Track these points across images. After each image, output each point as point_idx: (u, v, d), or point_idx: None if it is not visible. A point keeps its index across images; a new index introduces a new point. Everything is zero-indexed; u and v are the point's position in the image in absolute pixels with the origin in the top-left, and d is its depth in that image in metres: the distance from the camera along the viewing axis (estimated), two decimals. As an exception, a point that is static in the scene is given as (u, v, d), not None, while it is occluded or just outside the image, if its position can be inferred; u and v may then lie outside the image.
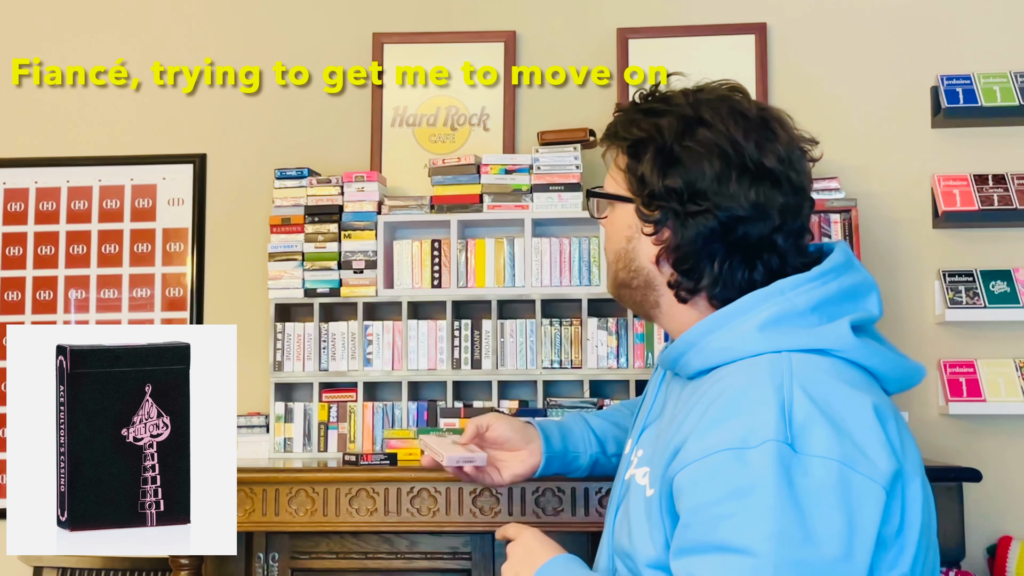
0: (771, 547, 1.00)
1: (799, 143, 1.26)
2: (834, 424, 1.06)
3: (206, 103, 2.99)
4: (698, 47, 2.86)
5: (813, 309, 1.15)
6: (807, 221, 1.23)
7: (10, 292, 2.97)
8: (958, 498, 2.09)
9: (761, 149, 1.20)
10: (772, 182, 1.19)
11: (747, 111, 1.24)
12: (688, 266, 1.20)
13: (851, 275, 1.20)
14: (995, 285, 2.67)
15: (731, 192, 1.17)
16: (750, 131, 1.21)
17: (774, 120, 1.25)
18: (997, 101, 2.69)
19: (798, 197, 1.21)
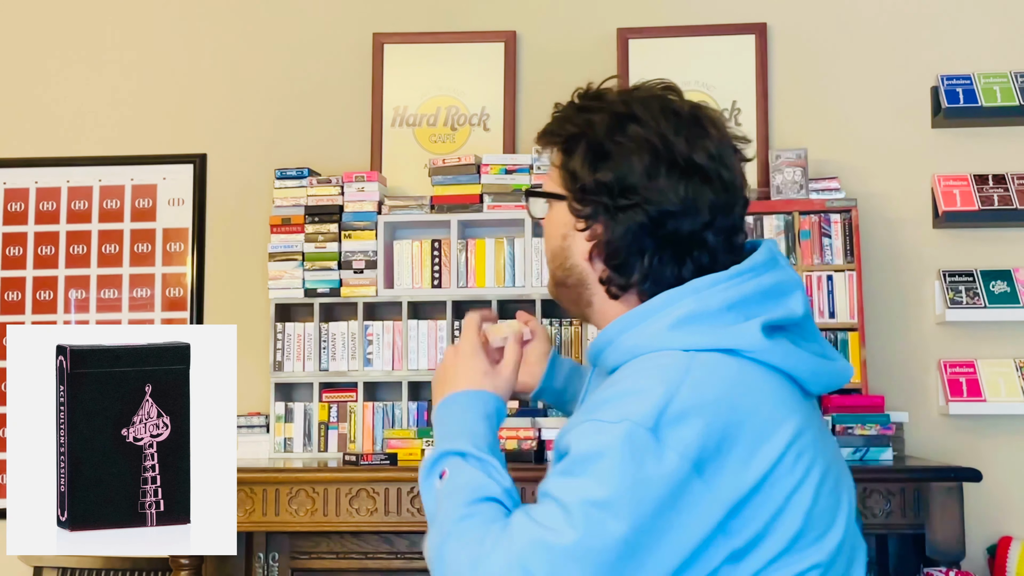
0: (584, 512, 1.02)
1: (732, 142, 1.24)
2: (709, 428, 1.07)
3: (206, 103, 2.99)
4: (698, 47, 2.86)
5: (727, 308, 1.16)
6: (740, 219, 1.23)
7: (10, 292, 2.97)
8: (958, 498, 2.09)
9: (692, 145, 1.19)
10: (702, 178, 1.19)
11: (679, 109, 1.23)
12: (618, 261, 1.21)
13: (772, 274, 1.20)
14: (995, 285, 2.67)
15: (660, 187, 1.18)
16: (681, 127, 1.20)
17: (706, 119, 1.24)
18: (997, 101, 2.69)
19: (729, 194, 1.21)
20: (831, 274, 2.59)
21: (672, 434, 1.05)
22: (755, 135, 2.80)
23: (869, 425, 2.31)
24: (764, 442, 1.09)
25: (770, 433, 1.10)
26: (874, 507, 2.11)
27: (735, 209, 1.22)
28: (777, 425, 1.11)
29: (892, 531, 2.13)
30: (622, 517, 1.03)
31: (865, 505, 2.11)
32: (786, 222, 2.62)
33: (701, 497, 1.05)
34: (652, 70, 2.87)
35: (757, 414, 1.10)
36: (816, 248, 2.60)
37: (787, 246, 2.61)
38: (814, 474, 1.12)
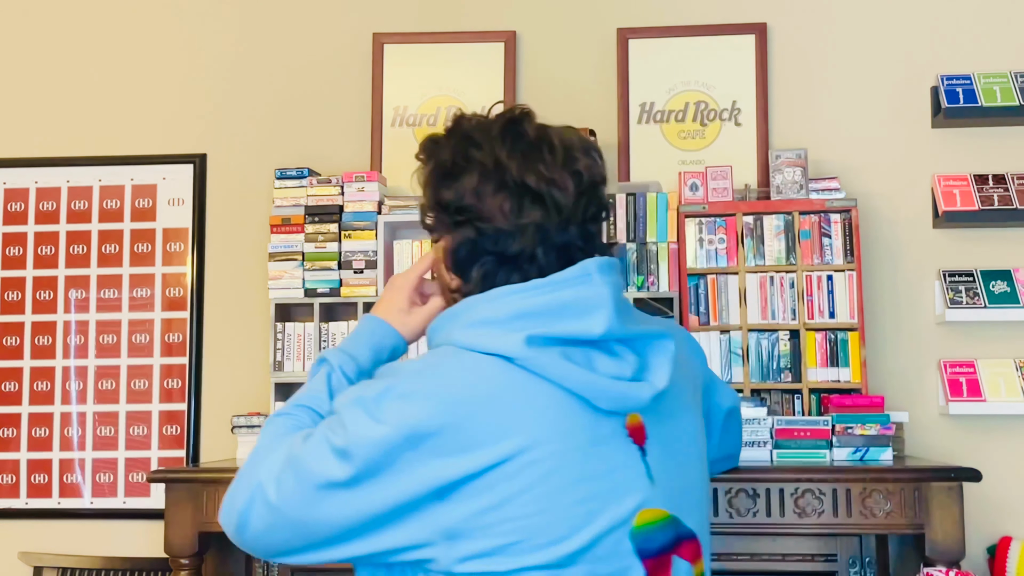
0: (327, 450, 1.21)
1: (577, 167, 1.33)
2: (431, 412, 1.19)
3: (206, 103, 2.99)
4: (698, 47, 2.86)
5: (515, 317, 1.24)
6: (579, 238, 1.31)
7: (10, 292, 2.97)
8: (958, 498, 2.09)
9: (524, 168, 1.30)
10: (532, 199, 1.28)
11: (522, 133, 1.34)
12: (457, 271, 1.33)
13: (576, 290, 1.26)
14: (995, 285, 2.67)
15: (489, 206, 1.29)
16: (516, 151, 1.31)
17: (549, 144, 1.34)
18: (997, 101, 2.69)
19: (561, 216, 1.29)
20: (831, 274, 2.59)
21: (389, 407, 1.20)
22: (755, 135, 2.80)
23: (869, 425, 2.31)
24: (482, 445, 1.18)
25: (493, 438, 1.18)
26: (874, 507, 2.11)
27: (569, 228, 1.30)
28: (504, 433, 1.19)
29: (892, 531, 2.13)
30: (345, 463, 1.20)
31: (865, 505, 2.11)
32: (786, 222, 2.62)
33: (410, 467, 1.18)
34: (652, 70, 2.88)
35: (487, 417, 1.19)
36: (816, 248, 2.60)
37: (787, 246, 2.61)
38: (545, 487, 1.18)
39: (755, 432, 2.32)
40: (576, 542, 1.20)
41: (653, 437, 1.28)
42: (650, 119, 2.86)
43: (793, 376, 2.56)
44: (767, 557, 2.21)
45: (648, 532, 1.25)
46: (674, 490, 1.29)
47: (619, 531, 1.23)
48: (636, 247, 2.64)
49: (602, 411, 1.24)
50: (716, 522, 2.12)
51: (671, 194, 2.66)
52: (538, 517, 1.19)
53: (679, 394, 1.34)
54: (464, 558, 1.19)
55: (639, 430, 1.27)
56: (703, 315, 2.61)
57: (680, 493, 1.30)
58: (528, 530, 1.19)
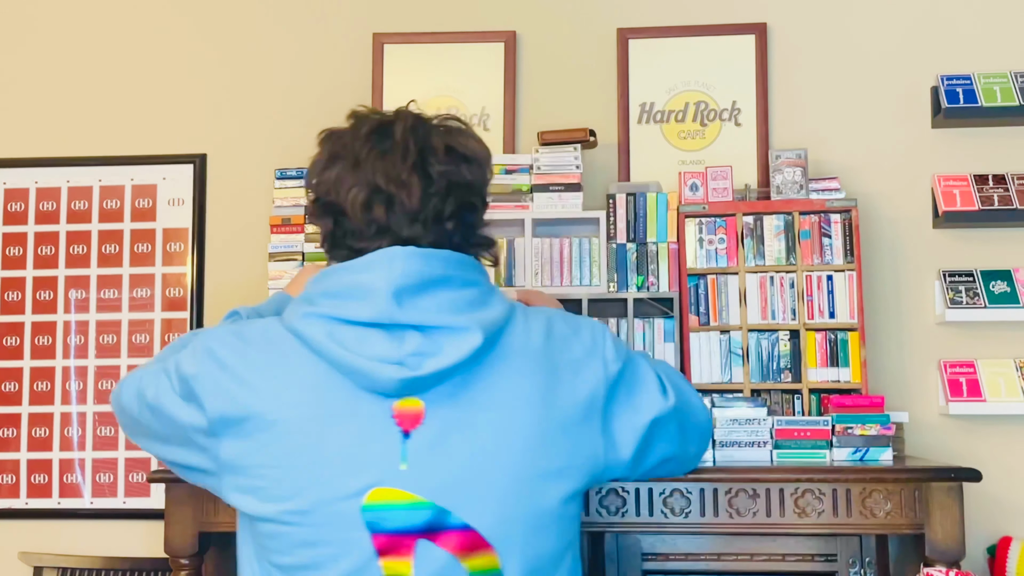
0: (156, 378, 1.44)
1: (425, 171, 1.40)
2: (201, 366, 1.38)
3: (206, 103, 2.99)
4: (698, 47, 2.86)
5: (312, 297, 1.37)
6: (426, 235, 1.39)
7: (10, 292, 2.97)
8: (958, 498, 2.09)
9: (376, 169, 1.39)
10: (380, 197, 1.38)
11: (390, 134, 1.43)
12: (329, 255, 1.47)
13: (356, 276, 1.35)
14: (995, 285, 2.67)
15: (344, 199, 1.40)
16: (374, 152, 1.42)
17: (406, 146, 1.41)
18: (997, 101, 2.69)
19: (407, 215, 1.39)
20: (831, 274, 2.59)
21: (173, 359, 1.41)
22: (755, 135, 2.81)
23: (869, 425, 2.31)
24: (241, 397, 1.34)
25: (255, 394, 1.34)
26: (874, 507, 2.11)
27: (414, 226, 1.39)
28: (266, 392, 1.34)
29: (892, 531, 2.13)
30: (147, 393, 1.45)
31: (865, 505, 2.11)
32: (786, 222, 2.62)
33: (177, 406, 1.40)
34: (652, 70, 2.88)
35: (253, 375, 1.35)
36: (816, 248, 2.60)
37: (787, 246, 2.61)
38: (282, 446, 1.33)
39: (755, 432, 2.32)
40: (298, 503, 1.32)
41: (435, 425, 1.32)
42: (650, 119, 2.86)
43: (793, 376, 2.56)
44: (767, 557, 2.21)
45: (382, 511, 1.31)
46: (443, 480, 1.31)
47: (345, 503, 1.31)
48: (636, 247, 2.64)
49: (366, 390, 1.32)
50: (716, 522, 2.13)
51: (671, 194, 2.66)
52: (274, 471, 1.33)
53: (504, 390, 1.35)
54: (233, 489, 1.36)
55: (411, 416, 1.32)
56: (703, 315, 2.61)
57: (454, 485, 1.32)
58: (267, 479, 1.33)
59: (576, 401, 1.39)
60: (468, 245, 1.45)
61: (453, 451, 1.32)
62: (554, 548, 1.38)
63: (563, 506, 1.38)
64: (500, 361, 1.37)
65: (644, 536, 2.22)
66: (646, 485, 2.15)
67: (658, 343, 2.60)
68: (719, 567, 2.22)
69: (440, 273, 1.36)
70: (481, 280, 1.41)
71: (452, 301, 1.35)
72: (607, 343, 1.46)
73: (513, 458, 1.34)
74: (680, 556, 2.23)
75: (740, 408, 2.35)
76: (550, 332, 1.42)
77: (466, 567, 1.32)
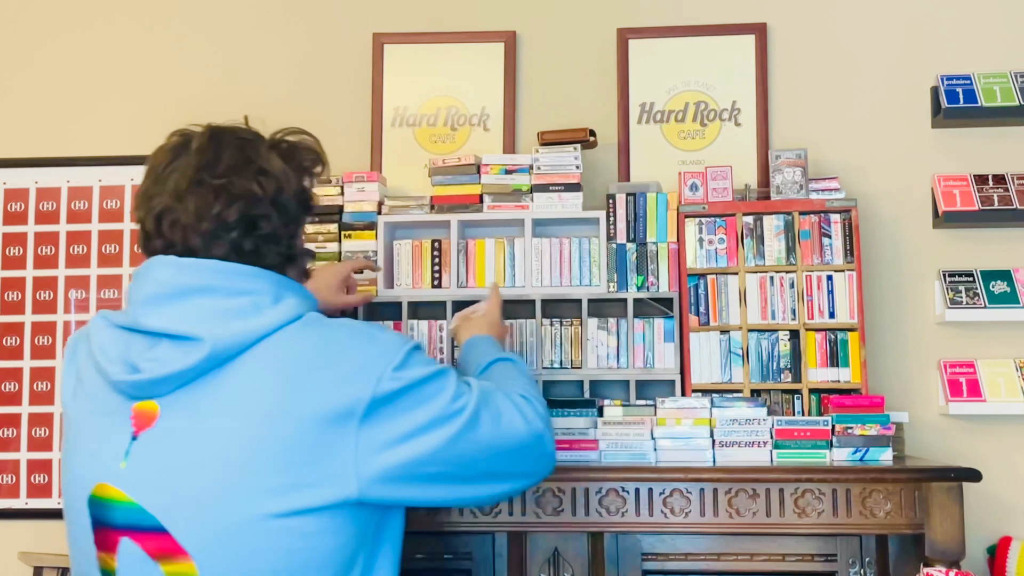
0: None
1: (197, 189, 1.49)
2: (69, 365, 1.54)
3: (206, 103, 2.99)
4: (698, 47, 2.86)
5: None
6: (204, 247, 1.47)
7: (10, 292, 2.97)
8: (958, 498, 2.09)
9: (168, 184, 1.50)
10: (169, 211, 1.48)
11: (190, 151, 1.58)
12: None
13: (137, 283, 1.46)
14: (995, 285, 2.67)
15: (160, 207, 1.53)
16: (178, 167, 1.53)
17: (189, 165, 1.53)
18: (997, 101, 2.70)
19: (185, 226, 1.47)
20: (831, 274, 2.59)
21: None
22: (755, 135, 2.81)
23: (869, 425, 2.31)
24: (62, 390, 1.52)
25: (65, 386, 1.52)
26: (874, 507, 2.11)
27: (193, 238, 1.46)
28: (66, 385, 1.52)
29: (892, 531, 2.13)
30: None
31: (865, 505, 2.11)
32: (786, 222, 2.62)
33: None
34: (652, 70, 2.88)
35: (66, 369, 1.53)
36: (816, 248, 2.60)
37: (787, 246, 2.61)
38: (65, 432, 1.50)
39: (755, 432, 2.32)
40: (63, 489, 1.47)
41: (161, 429, 1.37)
42: (650, 119, 2.86)
43: (793, 376, 2.56)
44: (767, 557, 2.21)
45: (100, 505, 1.39)
46: (152, 484, 1.36)
47: (79, 493, 1.42)
48: (636, 247, 2.64)
49: (116, 390, 1.41)
50: (716, 522, 2.13)
51: (671, 194, 2.66)
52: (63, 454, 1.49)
53: (235, 401, 1.36)
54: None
55: (146, 418, 1.38)
56: (703, 315, 2.61)
57: (160, 490, 1.35)
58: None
59: (324, 417, 1.36)
60: (265, 256, 1.49)
61: (166, 456, 1.35)
62: (271, 566, 1.35)
63: (283, 521, 1.35)
64: (242, 372, 1.37)
65: (644, 536, 2.22)
66: (646, 485, 2.15)
67: (658, 343, 2.60)
68: (719, 567, 2.22)
69: (197, 282, 1.41)
70: (259, 289, 1.44)
71: (212, 310, 1.39)
72: (395, 361, 1.42)
73: (224, 469, 1.34)
74: (680, 556, 2.23)
75: (740, 408, 2.35)
76: (323, 345, 1.41)
77: (164, 571, 1.35)
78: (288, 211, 1.53)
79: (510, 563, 2.22)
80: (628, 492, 2.15)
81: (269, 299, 1.43)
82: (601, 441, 2.34)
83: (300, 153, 1.61)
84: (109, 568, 1.39)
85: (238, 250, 1.47)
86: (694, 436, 2.33)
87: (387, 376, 1.40)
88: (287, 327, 1.41)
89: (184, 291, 1.41)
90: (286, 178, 1.54)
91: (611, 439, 2.33)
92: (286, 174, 1.54)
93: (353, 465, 1.37)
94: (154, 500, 1.35)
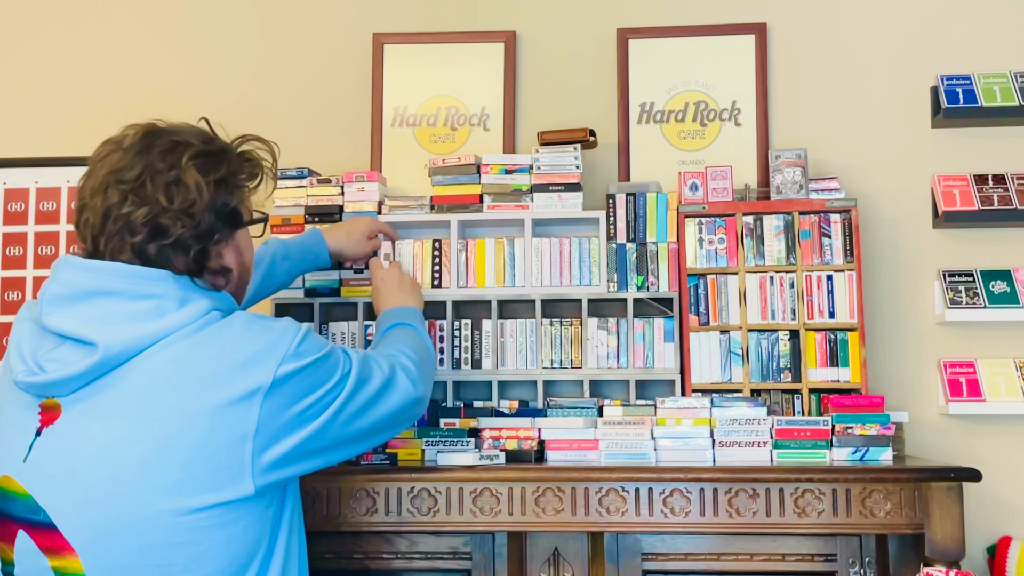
0: None
1: (92, 199, 1.54)
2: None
3: (206, 103, 2.99)
4: (698, 47, 2.86)
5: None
6: (103, 251, 1.51)
7: (10, 292, 2.97)
8: (958, 498, 2.09)
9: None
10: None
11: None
12: None
13: (47, 282, 1.48)
14: (995, 285, 2.67)
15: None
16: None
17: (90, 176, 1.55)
18: (997, 101, 2.70)
19: (92, 228, 1.53)
20: (831, 274, 2.59)
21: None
22: (755, 135, 2.81)
23: (869, 425, 2.31)
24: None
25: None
26: (874, 507, 2.11)
27: (100, 239, 1.52)
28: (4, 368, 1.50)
29: (892, 531, 2.13)
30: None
31: (865, 505, 2.11)
32: (786, 222, 2.62)
33: None
34: (652, 70, 2.88)
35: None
36: (816, 248, 2.60)
37: (787, 246, 2.61)
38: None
39: (755, 432, 2.32)
40: None
41: (62, 427, 1.39)
42: (650, 119, 2.86)
43: (793, 376, 2.56)
44: (767, 557, 2.21)
45: (3, 496, 1.42)
46: (46, 480, 1.38)
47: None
48: (636, 247, 2.64)
49: (21, 388, 1.43)
50: (716, 522, 2.13)
51: (671, 194, 2.66)
52: None
53: (132, 401, 1.38)
54: None
55: (50, 415, 1.40)
56: (703, 315, 2.61)
57: (53, 487, 1.37)
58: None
59: (222, 412, 1.39)
60: (172, 262, 1.48)
61: (62, 454, 1.37)
62: (165, 560, 1.37)
63: (179, 518, 1.37)
64: (140, 373, 1.39)
65: (644, 536, 2.22)
66: (646, 485, 2.15)
67: (658, 343, 2.60)
68: (719, 567, 2.22)
69: (99, 285, 1.43)
70: (164, 293, 1.44)
71: (114, 313, 1.41)
72: (292, 345, 1.47)
73: (117, 469, 1.36)
74: (680, 556, 2.23)
75: (740, 408, 2.35)
76: (220, 340, 1.43)
77: (51, 566, 1.37)
78: (200, 224, 1.51)
79: (510, 563, 2.22)
80: (628, 492, 2.15)
81: (174, 303, 1.44)
82: (601, 441, 2.34)
83: (232, 166, 1.58)
84: (8, 559, 1.42)
85: (143, 254, 1.47)
86: (694, 436, 2.33)
87: (288, 358, 1.45)
88: (188, 327, 1.43)
89: (87, 293, 1.43)
90: (199, 191, 1.51)
91: (611, 439, 2.33)
92: (200, 187, 1.52)
93: (250, 461, 1.41)
94: (47, 496, 1.37)
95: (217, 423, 1.38)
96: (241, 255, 1.64)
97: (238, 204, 1.59)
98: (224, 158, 1.56)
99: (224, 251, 1.58)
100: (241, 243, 1.64)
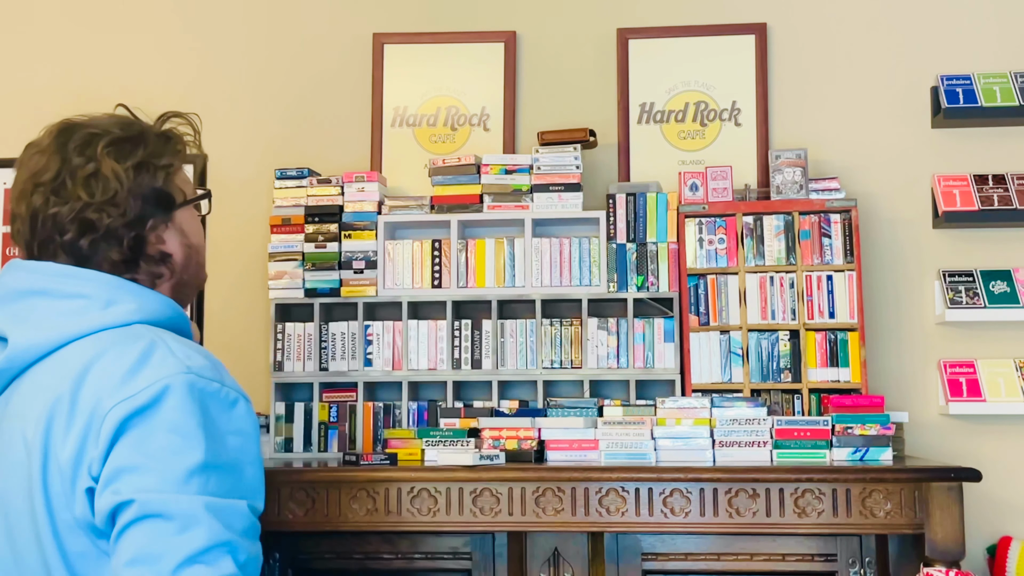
0: None
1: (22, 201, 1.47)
2: None
3: (206, 103, 2.99)
4: (698, 47, 2.86)
5: None
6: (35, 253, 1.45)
7: (10, 292, 2.96)
8: (958, 498, 2.09)
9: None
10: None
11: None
12: None
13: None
14: (995, 285, 2.67)
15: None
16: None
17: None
18: (997, 101, 2.69)
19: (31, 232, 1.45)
20: (831, 274, 2.59)
21: None
22: (755, 135, 2.81)
23: (869, 425, 2.31)
24: None
25: None
26: (874, 507, 2.11)
27: (33, 244, 1.45)
28: None
29: (892, 531, 2.13)
30: None
31: (865, 505, 2.11)
32: (786, 222, 2.62)
33: None
34: (652, 70, 2.88)
35: None
36: (816, 248, 2.60)
37: (787, 246, 2.61)
38: None
39: (755, 432, 2.32)
40: None
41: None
42: (650, 119, 2.86)
43: (793, 376, 2.56)
44: (767, 557, 2.21)
45: None
46: None
47: None
48: (636, 247, 2.64)
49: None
50: (716, 522, 2.13)
51: (671, 194, 2.66)
52: None
53: (27, 408, 1.33)
54: None
55: None
56: (703, 315, 2.61)
57: None
58: None
59: (78, 434, 1.29)
60: (106, 255, 1.42)
61: None
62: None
63: (56, 536, 1.28)
64: (42, 374, 1.35)
65: (644, 536, 2.22)
66: (646, 485, 2.15)
67: (658, 343, 2.60)
68: (719, 567, 2.22)
69: (31, 285, 1.40)
70: (89, 292, 1.39)
71: (44, 312, 1.38)
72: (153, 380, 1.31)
73: (7, 475, 1.32)
74: (680, 556, 2.23)
75: (740, 408, 2.35)
76: (121, 358, 1.32)
77: None
78: (127, 212, 1.44)
79: (510, 563, 2.22)
80: (628, 492, 2.15)
81: (98, 303, 1.39)
82: (601, 441, 2.34)
83: (150, 147, 1.49)
84: None
85: (76, 252, 1.42)
86: (694, 436, 2.33)
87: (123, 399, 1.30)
88: (104, 332, 1.36)
89: (20, 293, 1.40)
90: (119, 180, 1.44)
91: (611, 439, 2.33)
92: (119, 175, 1.44)
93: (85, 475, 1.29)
94: None
95: (70, 446, 1.28)
96: (186, 236, 1.53)
97: (164, 185, 1.49)
98: (141, 141, 1.47)
99: (164, 235, 1.49)
100: (184, 224, 1.53)
